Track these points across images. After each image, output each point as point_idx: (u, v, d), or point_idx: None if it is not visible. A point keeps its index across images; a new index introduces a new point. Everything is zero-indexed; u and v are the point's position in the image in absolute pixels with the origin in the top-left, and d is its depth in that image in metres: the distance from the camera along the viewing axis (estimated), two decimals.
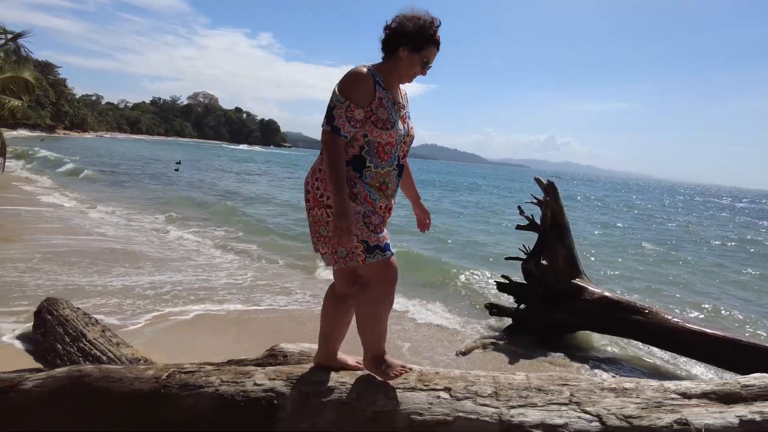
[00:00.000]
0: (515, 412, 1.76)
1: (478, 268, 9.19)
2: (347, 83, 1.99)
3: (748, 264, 13.06)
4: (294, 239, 10.86)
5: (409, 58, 2.05)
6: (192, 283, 6.69)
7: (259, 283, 7.10)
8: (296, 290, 6.94)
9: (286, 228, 12.44)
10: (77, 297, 5.40)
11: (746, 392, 1.64)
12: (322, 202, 2.01)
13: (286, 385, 2.07)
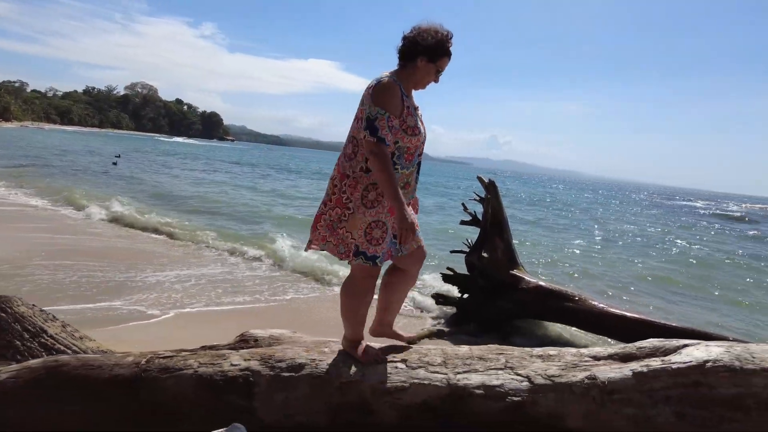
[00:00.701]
0: (461, 376, 2.11)
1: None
2: (383, 95, 2.16)
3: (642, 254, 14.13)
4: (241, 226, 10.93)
5: (426, 67, 2.25)
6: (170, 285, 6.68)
7: (222, 281, 7.19)
8: (249, 287, 7.09)
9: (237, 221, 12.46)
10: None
11: (640, 353, 2.07)
12: (345, 203, 2.22)
13: (261, 364, 2.31)
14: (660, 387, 1.91)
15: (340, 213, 2.24)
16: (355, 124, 2.27)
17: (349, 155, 2.26)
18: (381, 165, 2.11)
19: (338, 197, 2.24)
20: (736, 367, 1.86)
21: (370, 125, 2.13)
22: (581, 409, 1.97)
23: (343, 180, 2.24)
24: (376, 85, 2.19)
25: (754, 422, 1.83)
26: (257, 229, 11.86)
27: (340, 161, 2.31)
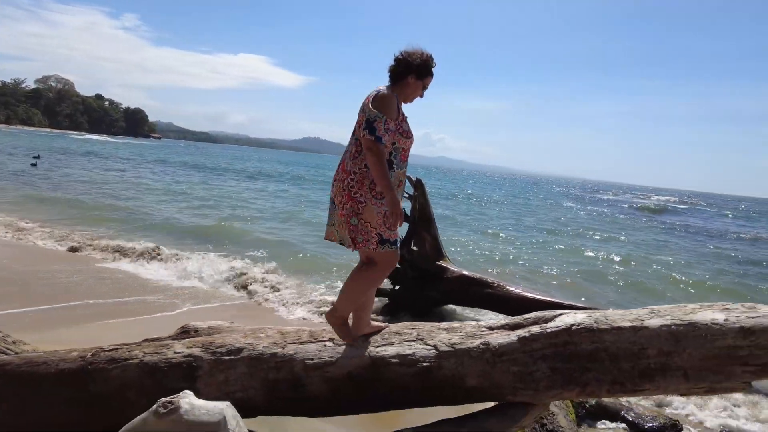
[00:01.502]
0: (380, 349, 2.47)
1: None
2: (382, 102, 2.53)
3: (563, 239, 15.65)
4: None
5: (415, 84, 2.66)
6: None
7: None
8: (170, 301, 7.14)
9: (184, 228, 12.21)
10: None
11: (525, 322, 2.52)
12: (354, 198, 2.52)
13: (202, 350, 2.56)
14: (538, 348, 2.37)
15: (354, 206, 2.53)
16: (359, 129, 2.58)
17: (353, 155, 2.58)
18: (376, 158, 2.47)
19: (347, 193, 2.54)
20: (594, 327, 2.35)
21: (369, 126, 2.48)
22: (477, 370, 2.39)
23: (350, 176, 2.55)
24: (377, 95, 2.57)
25: (606, 370, 2.32)
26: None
27: (344, 162, 2.61)
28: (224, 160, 55.80)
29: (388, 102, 2.55)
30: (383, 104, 2.54)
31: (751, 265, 14.36)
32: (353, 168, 2.56)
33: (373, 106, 2.53)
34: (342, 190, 2.57)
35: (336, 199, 2.61)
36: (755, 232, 25.89)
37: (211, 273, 7.91)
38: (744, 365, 2.33)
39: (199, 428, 1.58)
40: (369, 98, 2.59)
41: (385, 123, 2.51)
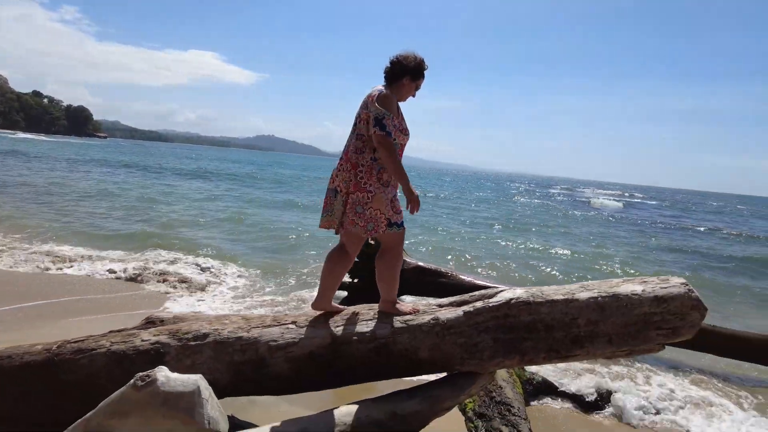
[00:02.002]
0: (340, 328, 2.67)
1: (317, 250, 10.21)
2: (387, 101, 2.75)
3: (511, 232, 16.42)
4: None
5: (409, 85, 2.89)
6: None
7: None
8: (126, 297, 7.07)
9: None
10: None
11: (471, 299, 2.78)
12: (364, 188, 2.73)
13: (169, 337, 2.68)
14: (482, 321, 2.63)
15: (362, 196, 2.73)
16: (362, 125, 2.80)
17: (359, 149, 2.79)
18: (388, 152, 2.70)
19: (355, 183, 2.75)
20: (531, 301, 2.63)
21: (378, 123, 2.70)
22: (429, 343, 2.63)
23: (357, 169, 2.76)
24: (379, 95, 2.78)
25: (542, 338, 2.61)
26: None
27: (349, 157, 2.80)
28: (169, 160, 52.41)
29: (390, 101, 2.78)
30: (387, 103, 2.76)
31: (670, 252, 15.49)
32: (360, 161, 2.77)
33: (380, 105, 2.75)
34: (349, 181, 2.77)
35: (342, 188, 2.80)
36: (687, 223, 27.86)
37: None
38: (658, 329, 2.68)
39: (175, 398, 1.72)
40: (372, 97, 2.80)
41: (392, 120, 2.74)
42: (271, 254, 10.16)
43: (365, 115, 2.79)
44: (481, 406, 3.67)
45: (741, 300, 9.59)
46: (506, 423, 3.39)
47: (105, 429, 1.74)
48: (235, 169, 46.14)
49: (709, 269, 12.82)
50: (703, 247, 16.97)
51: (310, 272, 8.61)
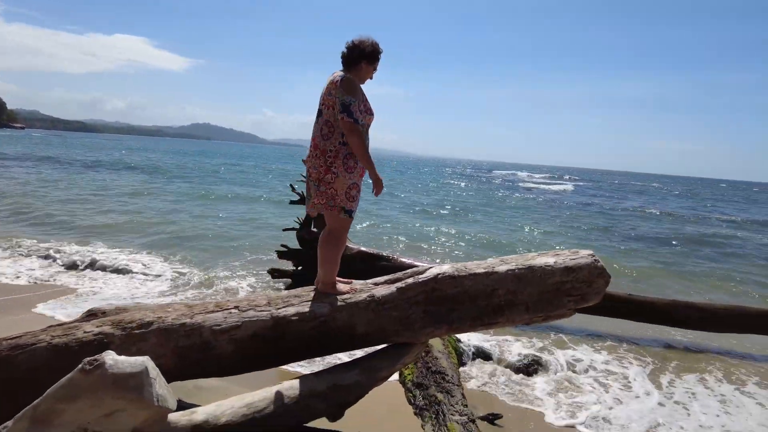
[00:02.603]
0: (281, 310, 2.83)
1: (262, 241, 10.20)
2: (352, 88, 2.90)
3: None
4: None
5: (367, 68, 3.04)
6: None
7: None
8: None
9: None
10: None
11: (404, 276, 3.01)
12: (330, 169, 2.89)
13: (113, 327, 2.74)
14: (413, 295, 2.87)
15: (329, 177, 2.91)
16: (328, 111, 2.93)
17: (326, 135, 2.93)
18: (357, 139, 2.87)
19: (325, 167, 2.91)
20: (456, 275, 2.90)
21: (346, 109, 2.85)
22: (365, 318, 2.84)
23: (326, 154, 2.92)
24: (342, 80, 2.90)
25: (467, 308, 2.88)
26: None
27: (317, 142, 2.95)
28: (88, 152, 47.70)
29: (354, 86, 2.93)
30: (351, 89, 2.91)
31: (597, 231, 16.67)
32: (328, 146, 2.93)
33: (345, 92, 2.88)
34: (320, 166, 2.93)
35: (312, 174, 2.96)
36: (617, 203, 29.87)
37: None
38: (569, 296, 3.02)
39: (124, 379, 1.82)
40: (335, 84, 2.91)
41: (357, 105, 2.89)
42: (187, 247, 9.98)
43: (330, 101, 2.92)
44: (418, 377, 3.95)
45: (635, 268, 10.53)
46: (441, 390, 3.68)
47: (54, 413, 1.82)
48: (182, 161, 44.25)
49: (610, 244, 13.95)
50: (619, 226, 18.31)
51: (242, 265, 8.61)
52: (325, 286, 3.01)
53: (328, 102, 2.95)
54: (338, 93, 2.90)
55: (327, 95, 2.95)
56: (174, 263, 8.53)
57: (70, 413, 1.83)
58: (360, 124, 2.91)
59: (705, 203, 37.01)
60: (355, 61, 3.03)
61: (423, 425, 3.41)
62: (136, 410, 1.90)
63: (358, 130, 2.88)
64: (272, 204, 17.73)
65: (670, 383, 4.94)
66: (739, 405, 4.58)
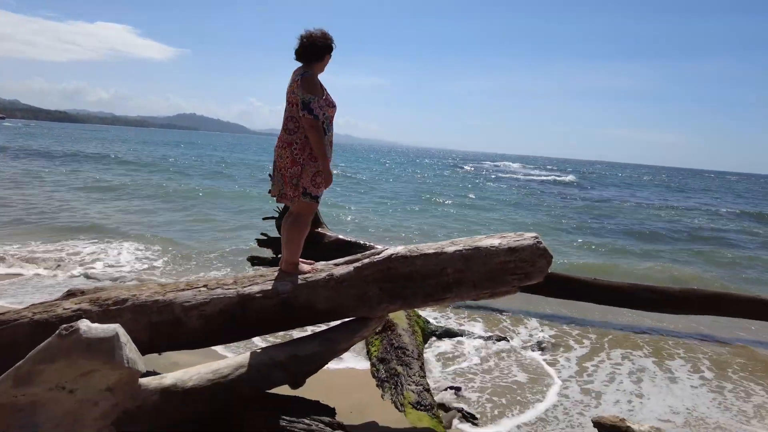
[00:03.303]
0: (247, 289, 3.08)
1: (240, 230, 10.42)
2: (312, 85, 3.12)
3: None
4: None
5: (327, 59, 3.28)
6: None
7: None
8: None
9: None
10: None
11: (362, 257, 3.27)
12: (297, 161, 3.14)
13: (90, 304, 2.97)
14: (369, 273, 3.14)
15: (296, 170, 3.15)
16: (291, 108, 3.15)
17: (291, 130, 3.17)
18: (317, 135, 3.11)
19: (292, 159, 3.15)
20: (408, 255, 3.17)
21: (306, 107, 3.08)
22: (325, 296, 3.10)
23: (292, 147, 3.16)
24: (302, 79, 3.12)
25: (418, 286, 3.15)
26: None
27: (282, 135, 3.20)
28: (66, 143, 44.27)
29: (313, 83, 3.15)
30: (311, 87, 3.12)
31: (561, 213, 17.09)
32: (293, 139, 3.17)
33: (305, 90, 3.10)
34: (286, 158, 3.16)
35: (279, 164, 3.21)
36: (587, 194, 30.42)
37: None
38: (512, 274, 3.30)
39: (97, 343, 2.06)
40: (297, 83, 3.14)
41: (317, 102, 3.11)
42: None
43: (294, 99, 3.14)
44: (382, 353, 4.24)
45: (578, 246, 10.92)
46: (401, 363, 3.96)
47: (34, 373, 2.05)
48: (167, 153, 43.70)
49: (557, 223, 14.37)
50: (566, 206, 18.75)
51: (218, 257, 8.79)
52: (287, 265, 3.24)
53: (292, 99, 3.17)
54: (299, 92, 3.12)
55: (291, 93, 3.17)
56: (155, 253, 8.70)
57: (49, 373, 2.06)
58: (321, 120, 3.14)
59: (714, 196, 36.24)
60: (322, 53, 3.25)
61: (383, 395, 3.70)
62: (109, 371, 2.14)
63: (318, 126, 3.13)
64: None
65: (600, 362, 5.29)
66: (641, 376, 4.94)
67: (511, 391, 4.36)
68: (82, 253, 8.13)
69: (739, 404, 4.47)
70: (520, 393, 4.33)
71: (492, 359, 5.02)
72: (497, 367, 4.84)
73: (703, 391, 4.69)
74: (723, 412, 4.29)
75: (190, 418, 2.58)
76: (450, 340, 5.35)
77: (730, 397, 4.61)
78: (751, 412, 4.33)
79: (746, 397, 4.62)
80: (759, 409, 4.37)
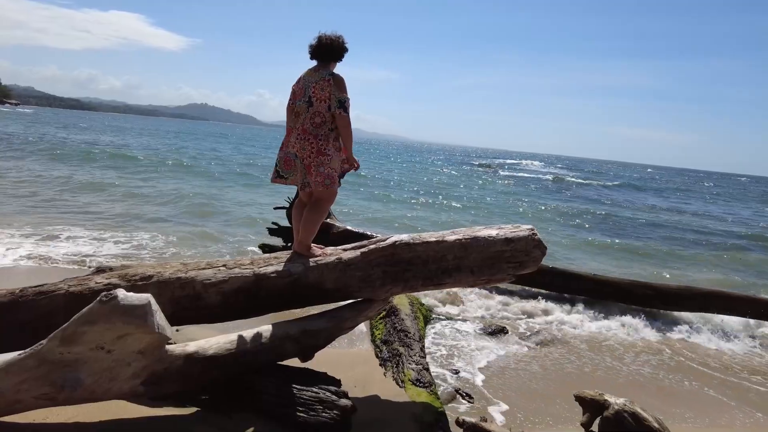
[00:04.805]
0: (262, 269, 3.34)
1: (252, 221, 10.72)
2: (344, 84, 3.41)
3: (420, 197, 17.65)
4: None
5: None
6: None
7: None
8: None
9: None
10: None
11: (369, 243, 3.53)
12: (324, 152, 3.40)
13: (119, 279, 3.25)
14: (374, 258, 3.40)
15: (324, 159, 3.41)
16: (319, 104, 3.39)
17: (318, 124, 3.41)
18: (350, 131, 3.46)
19: (318, 150, 3.40)
20: (411, 242, 3.42)
21: (342, 106, 3.39)
22: (333, 277, 3.37)
23: (318, 138, 3.41)
24: (335, 79, 3.40)
25: (420, 270, 3.41)
26: None
27: (307, 129, 3.41)
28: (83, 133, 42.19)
29: (344, 83, 3.43)
30: (344, 87, 3.43)
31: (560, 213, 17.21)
32: (318, 132, 3.42)
33: (341, 89, 3.39)
34: (312, 149, 3.41)
35: (301, 155, 3.44)
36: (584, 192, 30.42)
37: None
38: (508, 263, 3.55)
39: (132, 309, 2.32)
40: (328, 81, 3.39)
41: (349, 101, 3.42)
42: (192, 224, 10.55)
43: (322, 95, 3.39)
44: (386, 335, 4.51)
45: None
46: (403, 344, 4.23)
47: (78, 333, 2.32)
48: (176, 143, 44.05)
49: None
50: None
51: (235, 244, 9.11)
52: (301, 246, 3.50)
53: (320, 96, 3.40)
54: (334, 91, 3.39)
55: (320, 90, 3.40)
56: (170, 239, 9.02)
57: (91, 334, 2.34)
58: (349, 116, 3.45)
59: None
60: (339, 55, 3.53)
61: (385, 373, 3.97)
62: (142, 335, 2.41)
63: (349, 122, 3.45)
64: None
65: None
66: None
67: (506, 371, 4.61)
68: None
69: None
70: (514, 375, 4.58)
71: (491, 346, 5.28)
72: (495, 354, 5.09)
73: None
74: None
75: (208, 382, 2.86)
76: (451, 327, 5.61)
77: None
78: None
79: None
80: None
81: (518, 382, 4.52)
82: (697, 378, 5.07)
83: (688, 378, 5.06)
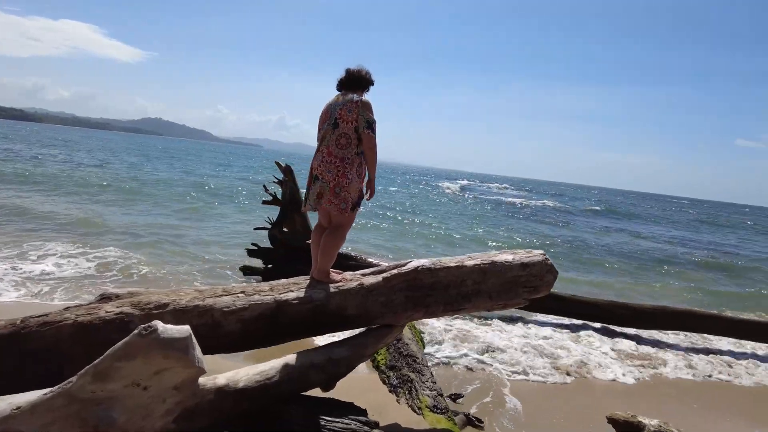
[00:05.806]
0: (282, 295, 3.26)
1: (229, 241, 10.42)
2: (371, 108, 3.45)
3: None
4: None
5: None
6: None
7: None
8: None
9: None
10: None
11: (388, 268, 3.51)
12: (345, 175, 3.39)
13: (132, 307, 3.08)
14: (396, 283, 3.38)
15: (343, 181, 3.40)
16: (346, 125, 3.40)
17: (343, 145, 3.41)
18: (375, 153, 3.47)
19: (342, 173, 3.40)
20: (432, 267, 3.43)
21: (370, 127, 3.42)
22: (355, 303, 3.32)
23: (344, 161, 3.41)
24: (363, 102, 3.44)
25: (440, 295, 3.41)
26: None
27: (332, 151, 3.41)
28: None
29: (371, 107, 3.49)
30: (372, 110, 3.47)
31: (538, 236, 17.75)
32: (344, 155, 3.42)
33: (370, 111, 3.44)
34: (336, 171, 3.40)
35: (324, 177, 3.43)
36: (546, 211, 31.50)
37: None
38: (524, 287, 3.61)
39: (173, 342, 2.20)
40: (356, 104, 3.43)
41: (375, 123, 3.45)
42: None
43: (350, 117, 3.42)
44: (391, 360, 4.47)
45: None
46: (412, 370, 4.20)
47: (112, 369, 2.18)
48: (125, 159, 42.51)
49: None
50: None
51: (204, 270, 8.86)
52: (320, 273, 3.45)
53: (347, 117, 3.42)
54: (362, 112, 3.43)
55: (347, 112, 3.43)
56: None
57: (126, 370, 2.19)
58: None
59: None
60: (366, 86, 3.63)
61: (398, 399, 3.92)
62: (181, 369, 2.29)
63: (376, 144, 3.47)
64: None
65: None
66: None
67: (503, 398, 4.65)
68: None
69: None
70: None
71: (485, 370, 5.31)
72: (488, 376, 5.13)
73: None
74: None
75: (237, 415, 2.74)
76: (444, 352, 5.62)
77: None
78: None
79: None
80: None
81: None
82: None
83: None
